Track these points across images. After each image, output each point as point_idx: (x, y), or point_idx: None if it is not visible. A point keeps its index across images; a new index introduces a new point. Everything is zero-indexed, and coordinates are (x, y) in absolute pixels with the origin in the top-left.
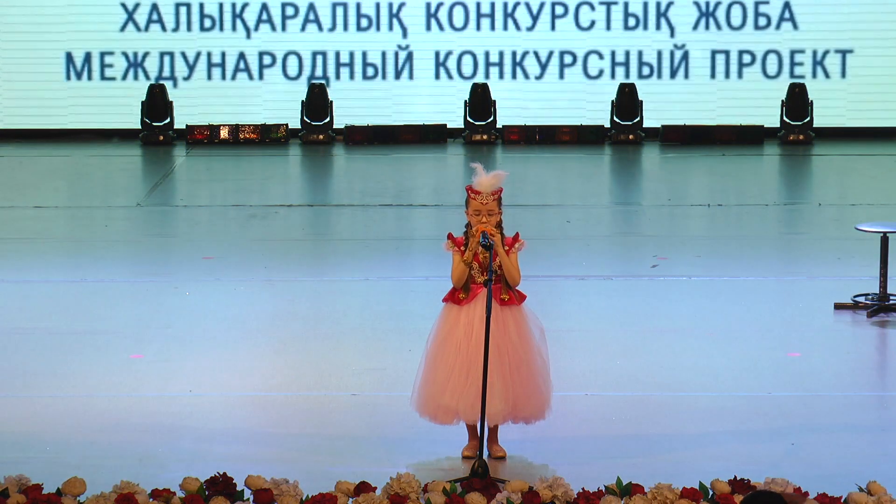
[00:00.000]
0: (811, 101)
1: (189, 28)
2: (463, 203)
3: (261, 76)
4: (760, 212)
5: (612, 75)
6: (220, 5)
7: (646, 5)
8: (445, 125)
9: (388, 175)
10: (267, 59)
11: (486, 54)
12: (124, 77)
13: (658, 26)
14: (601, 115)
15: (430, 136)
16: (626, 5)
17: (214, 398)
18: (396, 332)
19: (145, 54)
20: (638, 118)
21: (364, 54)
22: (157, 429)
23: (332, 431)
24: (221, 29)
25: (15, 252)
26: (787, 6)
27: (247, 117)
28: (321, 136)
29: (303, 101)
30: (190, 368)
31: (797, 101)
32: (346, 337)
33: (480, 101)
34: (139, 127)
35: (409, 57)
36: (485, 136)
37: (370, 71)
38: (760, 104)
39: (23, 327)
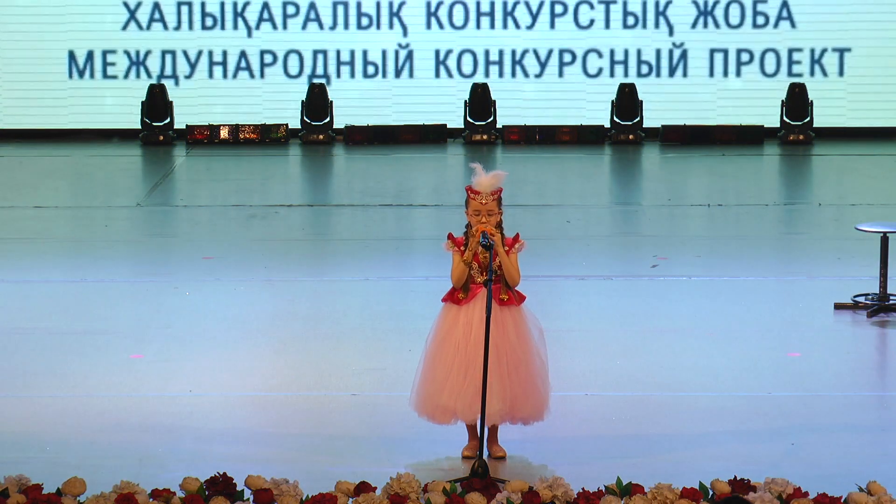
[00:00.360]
0: (811, 101)
1: (191, 27)
2: (463, 203)
3: (262, 75)
4: (760, 212)
5: (612, 73)
6: (222, 4)
7: (644, 4)
8: (445, 125)
9: (388, 175)
10: (268, 58)
11: (486, 53)
12: (126, 75)
13: (657, 25)
14: (601, 115)
15: (430, 136)
16: (624, 4)
17: (214, 398)
18: (396, 332)
19: (147, 53)
20: (638, 118)
21: (365, 53)
22: (157, 429)
23: (332, 431)
24: (223, 27)
25: (15, 252)
26: (784, 5)
27: (247, 117)
28: (321, 136)
29: (303, 101)
30: (190, 368)
31: (797, 101)
32: (346, 337)
33: (480, 101)
34: (139, 127)
35: (410, 55)
36: (485, 136)
37: (371, 69)
38: (760, 104)
39: (23, 327)
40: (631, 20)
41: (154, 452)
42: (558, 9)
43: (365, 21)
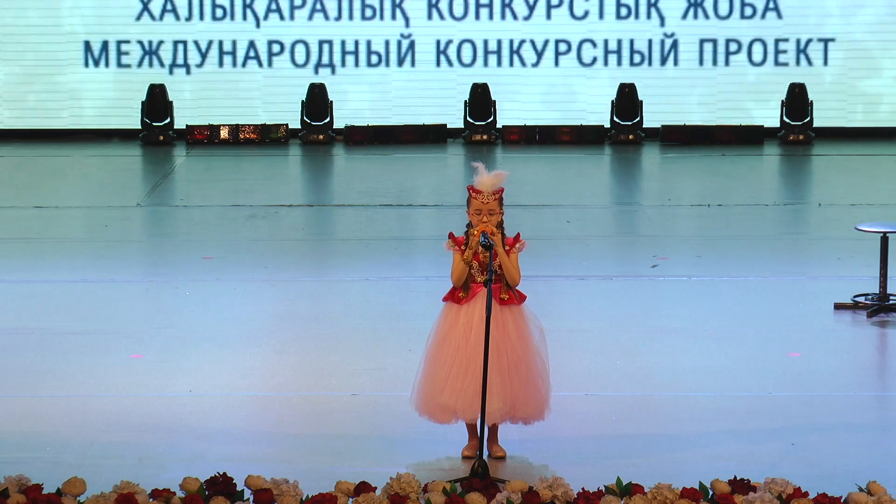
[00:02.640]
0: (811, 101)
1: (202, 17)
2: (463, 203)
3: (270, 64)
4: (760, 212)
5: (605, 63)
6: None
7: None
8: (445, 125)
9: (388, 175)
10: (276, 48)
11: (485, 43)
12: (140, 64)
13: (649, 16)
14: (601, 115)
15: (430, 136)
16: None
17: (214, 398)
18: (396, 332)
19: (160, 43)
20: (638, 118)
21: (368, 43)
22: (157, 429)
23: (332, 431)
24: (232, 18)
25: (15, 252)
26: None
27: (247, 118)
28: (321, 136)
29: (303, 101)
30: (190, 368)
31: (797, 101)
32: (346, 337)
33: (480, 101)
34: (139, 127)
35: (412, 45)
36: (485, 136)
37: (374, 59)
38: (760, 104)
39: (23, 327)
40: (624, 11)
41: (154, 452)
42: (554, 0)
43: (369, 12)
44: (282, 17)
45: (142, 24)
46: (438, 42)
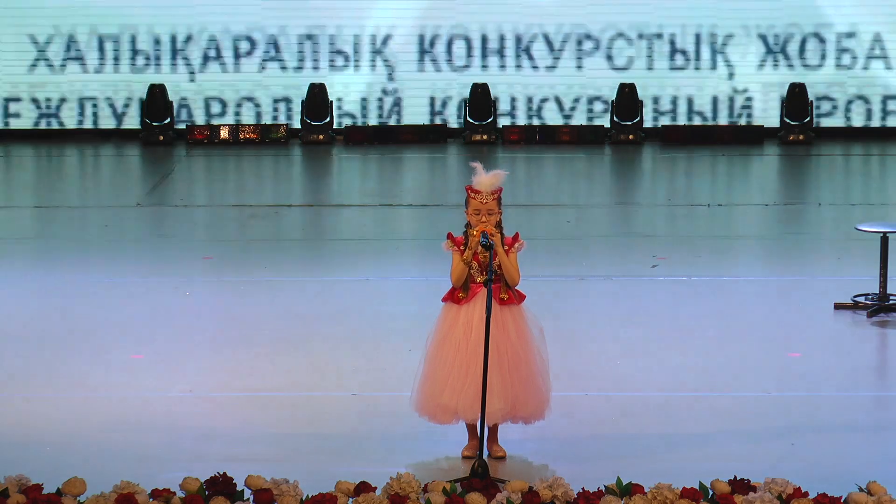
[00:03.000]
0: (811, 101)
1: (117, 68)
2: (462, 203)
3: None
4: (760, 212)
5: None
6: (157, 39)
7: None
8: (445, 125)
9: (388, 175)
10: (216, 107)
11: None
12: (36, 124)
13: (713, 66)
14: (601, 115)
15: (430, 136)
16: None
17: (214, 398)
18: (396, 332)
19: (62, 101)
20: (638, 118)
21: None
22: (157, 429)
23: (332, 431)
24: (158, 67)
25: (15, 252)
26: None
27: (247, 117)
28: (321, 136)
29: (303, 101)
30: (190, 368)
31: (797, 101)
32: (346, 337)
33: (480, 101)
34: (139, 127)
35: (398, 102)
36: (485, 136)
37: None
38: (760, 104)
39: (23, 327)
40: (680, 60)
41: (154, 452)
42: (588, 45)
43: (340, 60)
44: (224, 68)
45: (39, 74)
46: (433, 99)
